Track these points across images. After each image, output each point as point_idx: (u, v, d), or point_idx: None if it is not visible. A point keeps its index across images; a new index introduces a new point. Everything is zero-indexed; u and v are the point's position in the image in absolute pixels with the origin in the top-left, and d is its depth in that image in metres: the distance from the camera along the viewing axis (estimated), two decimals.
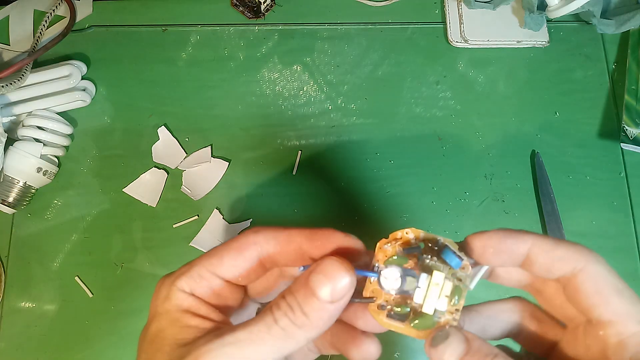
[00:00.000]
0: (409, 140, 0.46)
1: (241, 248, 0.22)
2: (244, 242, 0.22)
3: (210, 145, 0.45)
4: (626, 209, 0.44)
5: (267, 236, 0.22)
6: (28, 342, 0.41)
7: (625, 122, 0.45)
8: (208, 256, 0.22)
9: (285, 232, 0.22)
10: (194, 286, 0.21)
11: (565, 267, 0.20)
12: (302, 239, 0.21)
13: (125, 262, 0.43)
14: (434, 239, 0.22)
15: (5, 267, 0.43)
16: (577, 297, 0.20)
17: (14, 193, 0.42)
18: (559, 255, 0.20)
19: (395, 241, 0.22)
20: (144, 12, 0.50)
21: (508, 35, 0.48)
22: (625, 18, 0.44)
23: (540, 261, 0.20)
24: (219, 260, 0.22)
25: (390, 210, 0.44)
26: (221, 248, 0.22)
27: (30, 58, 0.44)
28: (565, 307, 0.21)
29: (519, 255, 0.20)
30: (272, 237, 0.22)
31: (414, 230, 0.22)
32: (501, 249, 0.20)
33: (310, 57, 0.48)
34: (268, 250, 0.22)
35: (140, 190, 0.44)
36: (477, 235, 0.21)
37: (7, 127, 0.44)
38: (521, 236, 0.20)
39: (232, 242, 0.22)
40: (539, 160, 0.44)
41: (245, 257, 0.22)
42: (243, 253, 0.22)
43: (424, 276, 0.20)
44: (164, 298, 0.21)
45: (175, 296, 0.21)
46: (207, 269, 0.21)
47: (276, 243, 0.22)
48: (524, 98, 0.47)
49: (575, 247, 0.20)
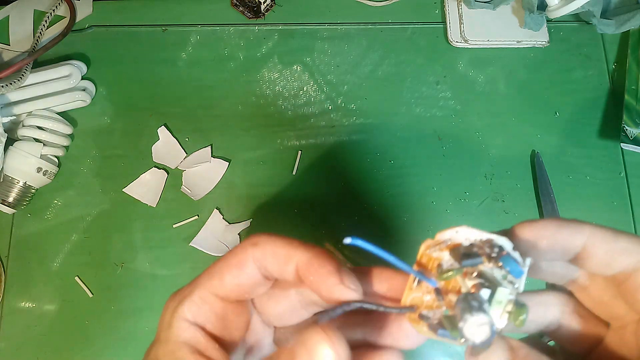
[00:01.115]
0: (409, 140, 0.46)
1: (241, 264, 0.20)
2: (243, 257, 0.20)
3: (210, 145, 0.45)
4: (626, 209, 0.44)
5: (266, 252, 0.20)
6: (28, 342, 0.41)
7: (625, 122, 0.45)
8: (209, 277, 0.21)
9: (285, 250, 0.20)
10: (197, 312, 0.20)
11: (628, 260, 0.18)
12: (300, 262, 0.20)
13: (125, 262, 0.43)
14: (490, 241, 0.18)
15: (5, 267, 0.43)
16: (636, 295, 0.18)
17: (14, 193, 0.42)
18: (622, 247, 0.18)
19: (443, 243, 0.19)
20: (144, 12, 0.50)
21: (508, 35, 0.48)
22: (625, 18, 0.44)
23: (600, 254, 0.18)
24: (220, 281, 0.20)
25: (390, 210, 0.44)
26: (221, 266, 0.21)
27: (30, 58, 0.44)
28: (613, 305, 0.19)
29: (575, 248, 0.18)
30: (271, 254, 0.20)
31: (466, 230, 0.19)
32: (557, 240, 0.18)
33: (310, 57, 0.48)
34: (266, 267, 0.20)
35: (140, 190, 0.44)
36: (528, 224, 0.19)
37: (7, 127, 0.44)
38: (579, 226, 0.18)
39: (231, 257, 0.21)
40: (539, 160, 0.44)
41: (247, 273, 0.20)
42: (244, 270, 0.20)
43: (485, 292, 0.18)
44: (167, 325, 0.20)
45: (176, 325, 0.20)
46: (210, 292, 0.20)
47: (274, 261, 0.20)
48: (524, 98, 0.47)
49: (637, 238, 0.18)
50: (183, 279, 0.42)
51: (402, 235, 0.43)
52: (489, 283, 0.18)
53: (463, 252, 0.18)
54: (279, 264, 0.20)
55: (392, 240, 0.43)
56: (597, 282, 0.20)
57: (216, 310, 0.20)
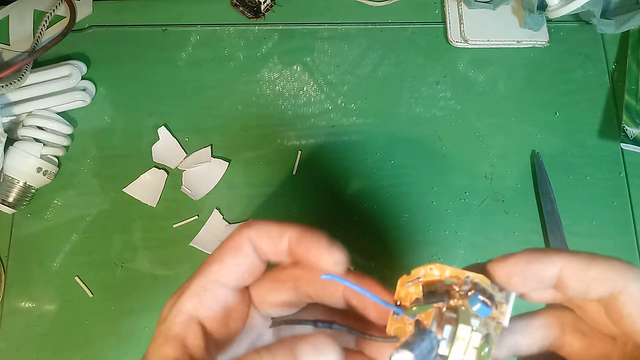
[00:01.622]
0: (409, 140, 0.46)
1: (238, 246, 0.21)
2: (238, 238, 0.21)
3: (210, 145, 0.45)
4: (626, 209, 0.44)
5: (260, 230, 0.21)
6: (28, 342, 0.41)
7: (625, 122, 0.45)
8: (207, 264, 0.21)
9: (278, 228, 0.21)
10: (198, 302, 0.20)
11: (602, 288, 0.18)
12: (292, 237, 0.20)
13: (125, 262, 0.43)
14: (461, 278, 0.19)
15: (5, 267, 0.43)
16: (620, 320, 0.18)
17: (14, 193, 0.42)
18: (593, 276, 0.18)
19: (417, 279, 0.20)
20: (144, 12, 0.50)
21: (508, 35, 0.48)
22: (625, 18, 0.44)
23: (573, 284, 0.18)
24: (221, 264, 0.21)
25: (390, 210, 0.44)
26: (219, 251, 0.21)
27: (30, 58, 0.44)
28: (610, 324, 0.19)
29: (549, 279, 0.18)
30: (265, 232, 0.21)
31: (439, 267, 0.20)
32: (527, 275, 0.18)
33: (310, 57, 0.48)
34: (261, 245, 0.21)
35: (140, 190, 0.44)
36: (499, 262, 0.19)
37: (7, 127, 0.44)
38: (549, 258, 0.18)
39: (228, 241, 0.21)
40: (539, 160, 0.44)
41: (245, 253, 0.21)
42: (242, 250, 0.21)
43: (448, 328, 0.18)
44: (161, 320, 0.20)
45: (170, 319, 0.20)
46: (210, 278, 0.20)
47: (268, 238, 0.20)
48: (524, 98, 0.47)
49: (611, 264, 0.18)
50: (183, 279, 0.42)
51: (402, 235, 0.43)
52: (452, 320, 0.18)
53: (427, 290, 0.19)
54: (273, 241, 0.20)
55: (392, 240, 0.43)
56: (591, 304, 0.20)
57: (218, 297, 0.20)
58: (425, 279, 0.20)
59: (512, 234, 0.43)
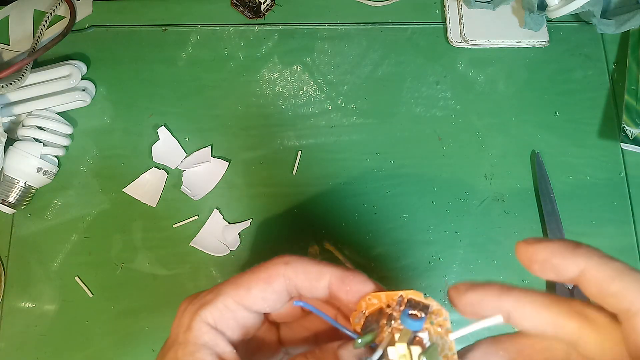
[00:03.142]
0: (409, 140, 0.46)
1: (270, 280, 0.21)
2: (273, 273, 0.21)
3: (210, 145, 0.45)
4: (626, 209, 0.44)
5: (297, 270, 0.21)
6: (28, 342, 0.41)
7: (625, 122, 0.45)
8: (235, 286, 0.21)
9: (317, 268, 0.21)
10: (219, 318, 0.21)
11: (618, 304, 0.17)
12: (333, 279, 0.21)
13: (125, 262, 0.43)
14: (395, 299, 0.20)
15: (5, 267, 0.43)
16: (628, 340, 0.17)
17: (14, 193, 0.42)
18: (613, 290, 0.17)
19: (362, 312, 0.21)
20: (144, 12, 0.50)
21: (508, 35, 0.48)
22: (625, 18, 0.44)
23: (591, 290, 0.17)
24: (247, 291, 0.21)
25: (390, 210, 0.44)
26: (249, 277, 0.21)
27: (30, 58, 0.44)
28: None
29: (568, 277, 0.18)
30: (302, 272, 0.21)
31: (375, 295, 0.21)
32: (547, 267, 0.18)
33: (310, 57, 0.48)
34: (297, 284, 0.21)
35: (140, 190, 0.44)
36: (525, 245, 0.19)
37: (7, 127, 0.44)
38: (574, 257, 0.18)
39: (261, 271, 0.21)
40: (539, 160, 0.44)
41: (274, 289, 0.21)
42: (272, 285, 0.21)
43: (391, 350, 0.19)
44: (185, 327, 0.21)
45: (196, 327, 0.20)
46: (234, 300, 0.21)
47: (305, 278, 0.21)
48: (524, 98, 0.47)
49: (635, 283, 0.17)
50: (183, 279, 0.43)
51: (402, 235, 0.43)
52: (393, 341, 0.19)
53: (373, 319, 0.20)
54: (311, 281, 0.21)
55: (392, 240, 0.43)
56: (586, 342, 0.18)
57: (238, 318, 0.21)
58: (368, 309, 0.21)
59: (512, 234, 0.43)
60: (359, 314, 0.21)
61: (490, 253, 0.43)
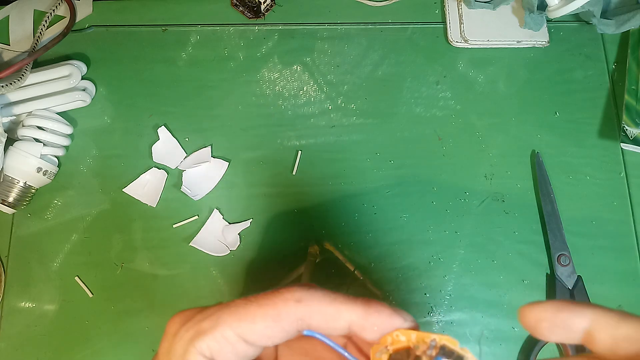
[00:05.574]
0: (409, 140, 0.46)
1: (279, 318, 0.19)
2: (284, 312, 0.19)
3: (210, 145, 0.45)
4: (626, 209, 0.44)
5: (312, 310, 0.19)
6: (28, 342, 0.41)
7: (625, 122, 0.45)
8: (237, 317, 0.19)
9: (334, 308, 0.19)
10: (216, 351, 0.19)
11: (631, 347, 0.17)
12: (354, 318, 0.19)
13: (125, 262, 0.43)
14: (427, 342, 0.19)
15: (5, 267, 0.43)
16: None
17: (14, 193, 0.42)
18: (623, 333, 0.17)
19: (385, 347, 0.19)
20: (144, 12, 0.50)
21: (508, 35, 0.48)
22: (625, 18, 0.44)
23: (603, 338, 0.18)
24: (250, 325, 0.19)
25: (390, 210, 0.44)
26: (255, 311, 0.19)
27: (30, 58, 0.44)
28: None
29: (577, 331, 0.18)
30: (318, 312, 0.19)
31: (404, 332, 0.19)
32: (556, 322, 0.18)
33: (310, 57, 0.48)
34: (311, 323, 0.19)
35: (140, 190, 0.44)
36: (529, 307, 0.19)
37: (7, 127, 0.44)
38: (579, 310, 0.18)
39: (269, 307, 0.19)
40: (539, 160, 0.44)
41: (283, 327, 0.19)
42: (280, 323, 0.19)
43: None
44: (180, 355, 0.19)
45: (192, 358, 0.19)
46: (235, 332, 0.19)
47: (322, 320, 0.19)
48: (524, 98, 0.47)
49: None
50: (183, 279, 0.43)
51: (402, 235, 0.43)
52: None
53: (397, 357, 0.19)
54: (327, 321, 0.19)
55: (392, 240, 0.43)
56: None
57: (237, 351, 0.19)
58: (393, 346, 0.19)
59: (512, 234, 0.43)
60: (382, 348, 0.19)
61: (490, 253, 0.43)
